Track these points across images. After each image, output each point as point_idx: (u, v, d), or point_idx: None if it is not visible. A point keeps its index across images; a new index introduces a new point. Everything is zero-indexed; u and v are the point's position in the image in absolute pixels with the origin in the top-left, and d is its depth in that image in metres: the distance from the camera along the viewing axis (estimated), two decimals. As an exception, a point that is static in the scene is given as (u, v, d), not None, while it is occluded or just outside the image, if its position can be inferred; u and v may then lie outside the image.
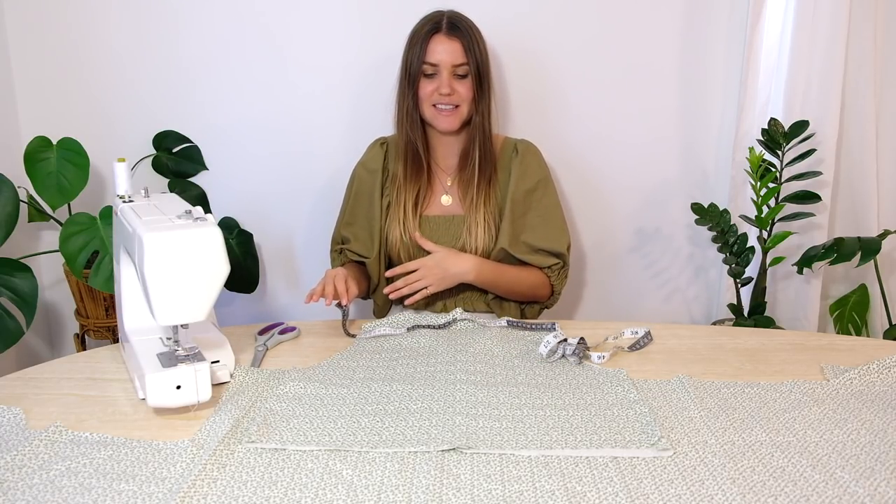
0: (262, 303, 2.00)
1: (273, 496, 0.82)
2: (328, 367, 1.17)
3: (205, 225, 0.98)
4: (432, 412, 1.01)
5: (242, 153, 1.88)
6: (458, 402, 1.03)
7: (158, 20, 1.79)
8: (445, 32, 1.42)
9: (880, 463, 0.87)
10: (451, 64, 1.42)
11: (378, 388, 1.09)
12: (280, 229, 1.93)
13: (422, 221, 1.50)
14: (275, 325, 1.32)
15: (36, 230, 1.91)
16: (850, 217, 1.88)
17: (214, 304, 1.00)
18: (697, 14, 1.81)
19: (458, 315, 1.35)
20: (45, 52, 1.81)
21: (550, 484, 0.84)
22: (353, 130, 1.82)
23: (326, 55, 1.82)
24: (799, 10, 1.74)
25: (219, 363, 1.11)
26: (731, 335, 1.31)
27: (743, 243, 1.77)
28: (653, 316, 2.02)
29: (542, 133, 1.70)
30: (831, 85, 1.76)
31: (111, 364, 1.19)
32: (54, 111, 1.83)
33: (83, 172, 1.63)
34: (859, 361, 1.15)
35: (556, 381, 1.11)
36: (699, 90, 1.86)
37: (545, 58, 1.83)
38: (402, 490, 0.83)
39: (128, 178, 1.19)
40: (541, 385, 1.10)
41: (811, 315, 1.88)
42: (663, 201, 1.94)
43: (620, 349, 1.23)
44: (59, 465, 0.88)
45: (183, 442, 0.93)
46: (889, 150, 1.85)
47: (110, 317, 1.81)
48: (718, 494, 0.82)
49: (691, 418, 0.99)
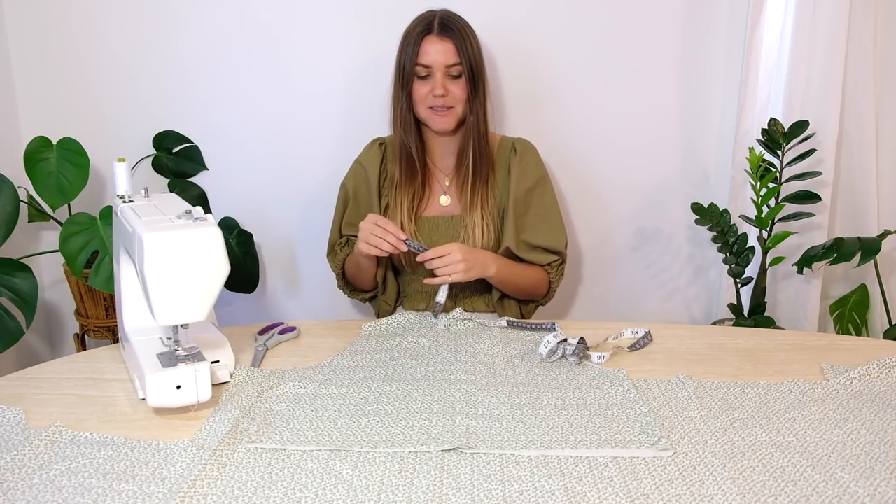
0: (262, 303, 2.00)
1: (273, 496, 0.82)
2: (328, 368, 1.17)
3: (205, 225, 0.98)
4: (432, 412, 1.01)
5: (242, 153, 1.88)
6: (459, 402, 1.03)
7: (158, 20, 1.79)
8: (437, 33, 1.41)
9: (880, 463, 0.87)
10: (443, 65, 1.41)
11: (378, 388, 1.09)
12: (280, 229, 1.93)
13: (420, 222, 1.50)
14: (275, 325, 1.32)
15: (36, 230, 1.91)
16: (850, 217, 1.88)
17: (214, 304, 1.00)
18: (697, 14, 1.81)
19: (459, 315, 1.35)
20: (45, 52, 1.81)
21: (550, 484, 0.84)
22: (352, 130, 1.82)
23: (326, 55, 1.82)
24: (799, 10, 1.74)
25: (219, 363, 1.11)
26: (731, 335, 1.31)
27: (743, 243, 1.77)
28: (653, 316, 2.02)
29: (541, 133, 1.70)
30: (831, 85, 1.76)
31: (111, 364, 1.19)
32: (54, 111, 1.84)
33: (83, 172, 1.63)
34: (859, 361, 1.15)
35: (556, 381, 1.11)
36: (699, 90, 1.86)
37: (544, 57, 1.83)
38: (402, 490, 0.83)
39: (128, 178, 1.19)
40: (541, 385, 1.10)
41: (811, 315, 1.88)
42: (663, 201, 1.94)
43: (620, 349, 1.23)
44: (58, 466, 0.88)
45: (183, 442, 0.93)
46: (889, 150, 1.85)
47: (110, 317, 1.81)
48: (718, 494, 0.82)
49: (691, 418, 0.99)
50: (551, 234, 1.51)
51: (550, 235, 1.51)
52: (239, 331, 1.31)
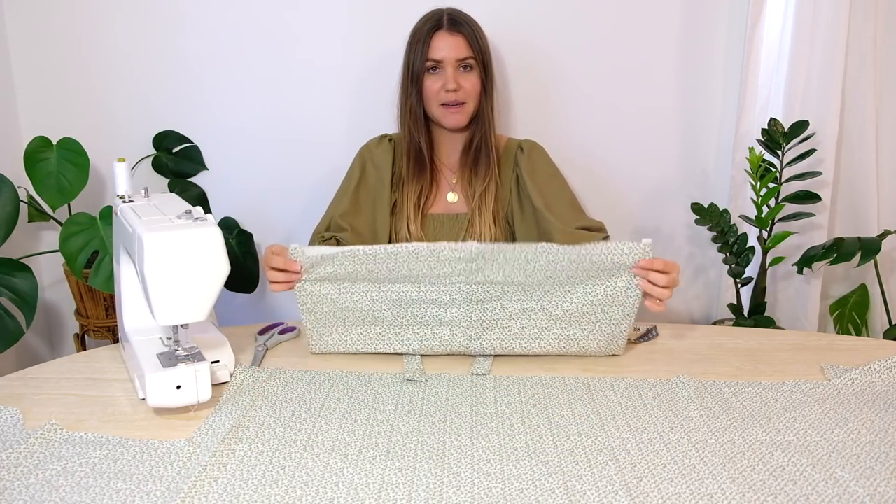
0: (262, 303, 2.00)
1: (274, 495, 0.82)
2: None
3: (205, 225, 0.98)
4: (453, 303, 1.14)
5: (242, 153, 1.88)
6: (477, 300, 1.14)
7: (158, 20, 1.79)
8: (447, 28, 1.42)
9: (880, 463, 0.87)
10: (455, 59, 1.42)
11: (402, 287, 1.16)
12: (280, 229, 1.93)
13: (427, 220, 1.50)
14: (275, 325, 1.32)
15: (36, 230, 1.91)
16: (850, 217, 1.88)
17: (214, 304, 1.00)
18: (697, 14, 1.81)
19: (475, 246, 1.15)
20: (45, 52, 1.81)
21: (550, 483, 0.84)
22: (353, 130, 1.82)
23: (327, 55, 1.82)
24: (799, 10, 1.74)
25: (219, 363, 1.11)
26: (731, 335, 1.31)
27: (743, 243, 1.77)
28: (653, 316, 2.02)
29: (541, 133, 1.70)
30: (831, 85, 1.76)
31: (111, 364, 1.19)
32: (54, 111, 1.84)
33: (83, 172, 1.63)
34: (859, 361, 1.15)
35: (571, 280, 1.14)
36: (699, 90, 1.86)
37: (543, 57, 1.83)
38: (403, 488, 0.83)
39: (128, 178, 1.19)
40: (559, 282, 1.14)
41: (811, 315, 1.88)
42: (663, 201, 1.95)
43: (627, 340, 1.25)
44: (55, 465, 0.88)
45: (180, 441, 0.93)
46: (889, 150, 1.85)
47: (110, 317, 1.81)
48: (718, 493, 0.81)
49: (691, 418, 0.99)
50: (579, 214, 1.48)
51: (579, 215, 1.47)
52: (239, 331, 1.31)
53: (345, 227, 1.46)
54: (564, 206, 1.48)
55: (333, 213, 1.50)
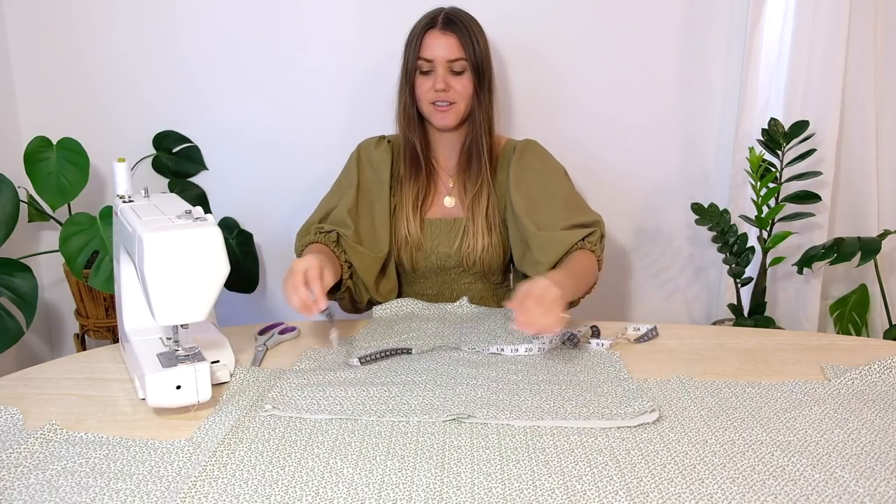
0: (262, 303, 2.00)
1: (274, 495, 0.82)
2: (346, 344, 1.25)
3: (205, 225, 0.98)
4: (436, 385, 1.07)
5: (242, 153, 1.88)
6: (461, 375, 1.11)
7: (158, 20, 1.79)
8: (440, 28, 1.40)
9: (880, 463, 0.87)
10: (445, 59, 1.40)
11: (386, 363, 1.16)
12: (280, 229, 1.93)
13: (424, 224, 1.49)
14: (275, 325, 1.32)
15: (36, 230, 1.91)
16: (850, 217, 1.88)
17: (214, 304, 1.00)
18: (697, 14, 1.81)
19: (465, 303, 1.40)
20: (45, 52, 1.81)
21: (550, 482, 0.84)
22: (352, 130, 1.82)
23: (326, 55, 1.82)
24: (799, 10, 1.74)
25: (219, 363, 1.11)
26: (731, 335, 1.31)
27: (743, 243, 1.77)
28: (653, 316, 2.02)
29: (541, 133, 1.69)
30: (831, 85, 1.76)
31: (111, 364, 1.19)
32: (54, 111, 1.84)
33: (83, 172, 1.64)
34: (859, 361, 1.15)
35: (552, 361, 1.17)
36: (699, 90, 1.86)
37: (544, 57, 1.83)
38: (403, 488, 0.83)
39: (128, 178, 1.19)
40: (538, 364, 1.16)
41: (811, 315, 1.88)
42: (663, 201, 1.95)
43: (627, 340, 1.26)
44: (55, 465, 0.88)
45: (180, 441, 0.93)
46: (889, 150, 1.85)
47: (110, 317, 1.81)
48: (718, 493, 0.81)
49: (691, 418, 0.99)
50: (573, 211, 1.41)
51: (571, 213, 1.40)
52: (239, 331, 1.31)
53: (350, 224, 1.42)
54: (555, 204, 1.42)
55: (331, 205, 1.46)
